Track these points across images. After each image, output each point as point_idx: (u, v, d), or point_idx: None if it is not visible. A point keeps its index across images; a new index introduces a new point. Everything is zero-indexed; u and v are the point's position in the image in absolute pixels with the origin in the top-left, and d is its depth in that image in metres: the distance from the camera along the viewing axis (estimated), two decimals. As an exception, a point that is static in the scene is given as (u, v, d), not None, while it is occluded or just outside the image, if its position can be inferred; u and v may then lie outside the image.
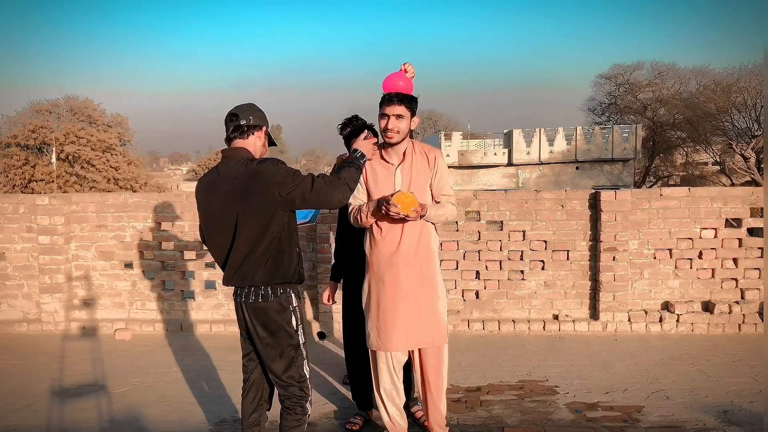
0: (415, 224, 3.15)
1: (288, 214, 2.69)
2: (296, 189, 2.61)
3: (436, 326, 3.20)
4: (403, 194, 3.00)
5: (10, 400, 4.14)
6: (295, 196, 2.61)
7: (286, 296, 2.72)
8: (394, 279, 3.14)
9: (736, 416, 3.69)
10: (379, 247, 3.18)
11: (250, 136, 2.73)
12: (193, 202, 5.93)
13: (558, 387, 4.24)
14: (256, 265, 2.65)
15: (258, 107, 2.81)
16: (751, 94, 31.86)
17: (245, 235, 2.63)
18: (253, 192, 2.59)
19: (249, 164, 2.63)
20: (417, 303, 3.16)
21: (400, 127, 3.09)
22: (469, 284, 5.85)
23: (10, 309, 6.10)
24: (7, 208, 6.06)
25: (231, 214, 2.64)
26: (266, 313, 2.68)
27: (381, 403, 3.33)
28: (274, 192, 2.59)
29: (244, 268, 2.66)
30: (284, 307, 2.71)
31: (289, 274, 2.72)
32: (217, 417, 3.83)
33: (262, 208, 2.61)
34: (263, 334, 2.71)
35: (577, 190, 5.96)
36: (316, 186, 2.63)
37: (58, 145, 29.43)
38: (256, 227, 2.62)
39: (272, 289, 2.68)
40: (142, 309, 6.05)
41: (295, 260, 2.77)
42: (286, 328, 2.71)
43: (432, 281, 3.21)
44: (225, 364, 4.90)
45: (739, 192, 5.79)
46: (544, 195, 5.83)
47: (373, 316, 3.22)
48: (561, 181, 35.98)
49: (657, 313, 5.63)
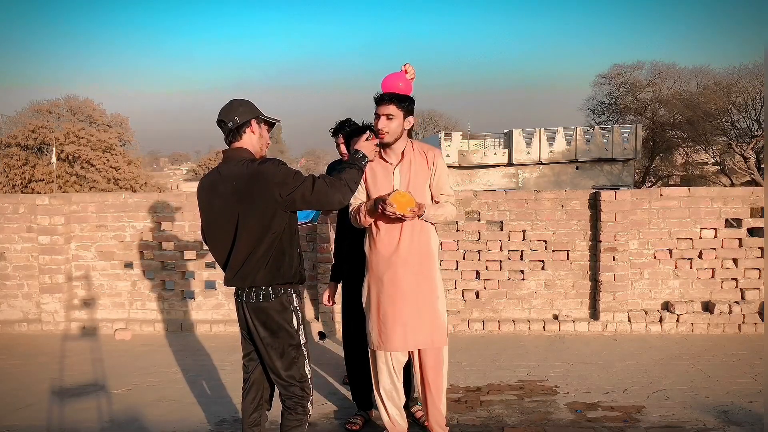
0: (414, 224, 3.15)
1: (289, 214, 2.69)
2: (297, 190, 2.61)
3: (436, 327, 3.20)
4: (400, 194, 3.00)
5: (10, 400, 4.14)
6: (295, 197, 2.61)
7: (287, 296, 2.72)
8: (393, 279, 3.15)
9: (736, 416, 3.69)
10: (378, 247, 3.18)
11: (243, 135, 2.72)
12: (193, 202, 5.98)
13: (558, 387, 4.24)
14: (257, 266, 2.65)
15: (239, 102, 2.76)
16: (751, 94, 31.86)
17: (246, 235, 2.64)
18: (254, 193, 2.60)
19: (249, 165, 2.63)
20: (416, 303, 3.16)
21: (390, 126, 3.11)
22: (469, 284, 5.85)
23: (10, 309, 6.10)
24: (7, 208, 6.06)
25: (232, 215, 2.65)
26: (267, 313, 2.69)
27: (381, 402, 3.33)
28: (275, 193, 2.59)
29: (245, 268, 2.66)
30: (285, 307, 2.71)
31: (290, 274, 2.72)
32: (217, 417, 3.83)
33: (263, 209, 2.61)
34: (264, 334, 2.71)
35: (577, 190, 5.96)
36: (317, 187, 2.63)
37: (58, 145, 29.43)
38: (256, 228, 2.62)
39: (273, 290, 2.68)
40: (142, 309, 6.06)
41: (296, 261, 2.77)
42: (287, 328, 2.71)
43: (431, 281, 3.21)
44: (225, 364, 4.90)
45: (739, 192, 5.79)
46: (544, 195, 5.83)
47: (373, 316, 3.22)
48: (561, 181, 35.97)
49: (657, 313, 5.63)
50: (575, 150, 36.45)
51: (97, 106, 34.16)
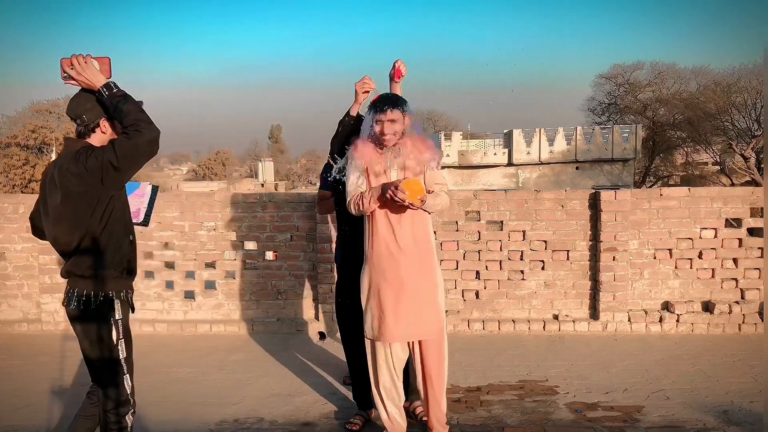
0: (413, 215, 3.19)
1: (114, 203, 2.56)
2: (107, 168, 2.44)
3: (437, 318, 3.24)
4: (412, 181, 3.03)
5: (10, 400, 4.14)
6: (108, 172, 2.45)
7: (109, 306, 2.58)
8: (395, 271, 3.16)
9: (736, 416, 3.69)
10: (379, 238, 3.20)
11: (92, 135, 2.59)
12: (194, 202, 5.98)
13: (558, 387, 4.24)
14: (81, 260, 2.55)
15: (83, 99, 2.57)
16: (751, 94, 31.88)
17: (67, 226, 2.54)
18: (74, 182, 2.48)
19: (74, 154, 2.50)
20: (418, 294, 3.18)
21: (395, 129, 3.17)
22: (469, 284, 5.85)
23: (10, 309, 6.10)
24: (7, 208, 6.06)
25: (57, 205, 2.54)
26: (85, 323, 2.58)
27: (380, 401, 3.33)
28: (93, 178, 2.46)
29: (70, 263, 2.57)
30: (105, 318, 2.57)
31: (115, 270, 2.59)
32: (218, 417, 3.83)
33: (85, 198, 2.50)
34: (84, 343, 2.61)
35: (577, 190, 5.96)
36: (119, 148, 2.44)
37: (58, 145, 29.46)
38: (78, 218, 2.52)
39: (94, 296, 2.55)
40: (142, 309, 6.05)
41: (125, 253, 2.64)
42: (106, 340, 2.58)
43: (432, 272, 3.25)
44: (225, 364, 4.90)
45: (739, 192, 5.79)
46: (544, 195, 5.83)
47: (374, 307, 3.22)
48: (561, 181, 35.99)
49: (657, 313, 5.63)
50: (575, 150, 36.48)
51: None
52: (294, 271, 5.92)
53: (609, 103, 43.59)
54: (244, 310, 5.96)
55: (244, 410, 3.92)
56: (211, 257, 5.97)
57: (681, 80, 40.21)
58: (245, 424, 3.73)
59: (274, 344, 5.43)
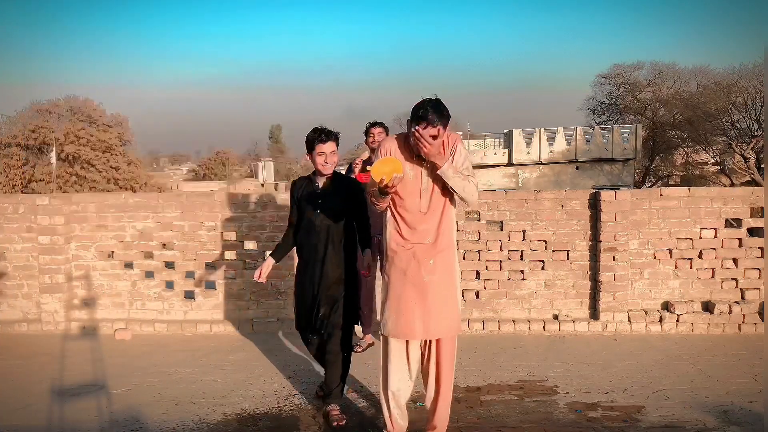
0: (436, 213, 3.17)
1: None
2: None
3: (455, 315, 3.25)
4: (381, 161, 2.90)
5: (10, 400, 4.14)
6: None
7: None
8: (416, 269, 3.16)
9: (736, 416, 3.69)
10: (402, 238, 3.20)
11: None
12: (194, 202, 5.98)
13: (558, 387, 4.24)
14: None
15: None
16: (751, 94, 31.89)
17: None
18: None
19: None
20: (439, 293, 3.18)
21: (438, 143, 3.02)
22: (469, 284, 5.85)
23: (10, 309, 6.09)
24: (7, 208, 6.06)
25: None
26: None
27: (385, 403, 3.35)
28: None
29: None
30: None
31: None
32: (218, 417, 3.83)
33: None
34: None
35: (577, 190, 5.96)
36: None
37: (58, 145, 29.45)
38: None
39: None
40: (142, 309, 6.05)
41: None
42: None
43: (452, 270, 3.26)
44: (225, 364, 4.90)
45: (739, 192, 5.79)
46: (544, 195, 5.83)
47: (393, 305, 3.21)
48: (561, 181, 36.00)
49: (657, 313, 5.63)
50: (575, 150, 36.49)
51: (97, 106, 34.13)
52: (294, 271, 5.91)
53: (609, 103, 43.60)
54: (244, 310, 5.97)
55: (244, 410, 3.92)
56: (211, 257, 5.97)
57: (681, 80, 40.22)
58: (245, 423, 3.73)
59: (274, 344, 5.43)
